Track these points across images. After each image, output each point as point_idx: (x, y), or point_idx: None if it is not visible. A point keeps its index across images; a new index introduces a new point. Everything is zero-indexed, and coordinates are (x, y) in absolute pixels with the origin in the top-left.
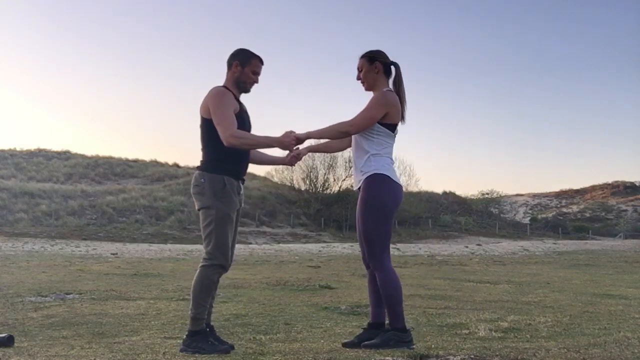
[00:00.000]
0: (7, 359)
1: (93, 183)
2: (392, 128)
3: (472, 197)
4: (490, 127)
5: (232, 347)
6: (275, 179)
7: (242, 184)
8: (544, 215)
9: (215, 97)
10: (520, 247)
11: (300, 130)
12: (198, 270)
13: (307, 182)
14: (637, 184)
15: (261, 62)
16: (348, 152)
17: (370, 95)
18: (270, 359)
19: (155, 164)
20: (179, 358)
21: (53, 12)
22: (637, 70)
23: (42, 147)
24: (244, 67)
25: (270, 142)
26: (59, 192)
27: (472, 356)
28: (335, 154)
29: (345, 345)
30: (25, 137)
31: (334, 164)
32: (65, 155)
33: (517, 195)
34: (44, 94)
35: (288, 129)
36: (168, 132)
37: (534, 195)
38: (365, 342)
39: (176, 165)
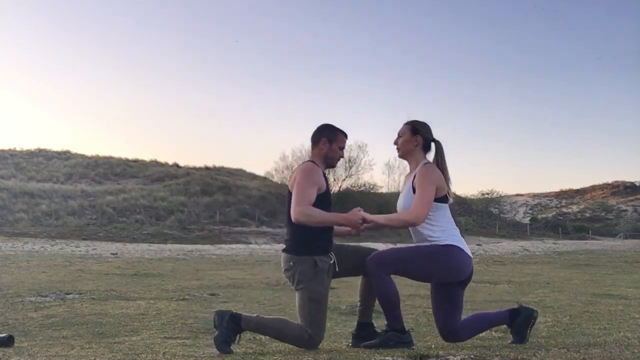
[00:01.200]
0: (7, 359)
1: (93, 183)
2: (445, 200)
3: (472, 197)
4: (490, 127)
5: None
6: (275, 179)
7: (331, 252)
8: (544, 215)
9: (303, 173)
10: (520, 247)
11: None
12: (296, 329)
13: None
14: (637, 184)
15: (346, 136)
16: (348, 152)
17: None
18: (270, 359)
19: (155, 164)
20: (179, 358)
21: (53, 12)
22: (637, 70)
23: (42, 147)
24: (332, 143)
25: (338, 220)
26: (59, 192)
27: (472, 356)
28: None
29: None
30: (25, 137)
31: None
32: (65, 155)
33: (517, 195)
34: (44, 94)
35: (356, 208)
36: (168, 132)
37: (534, 195)
38: (365, 343)
39: (176, 165)
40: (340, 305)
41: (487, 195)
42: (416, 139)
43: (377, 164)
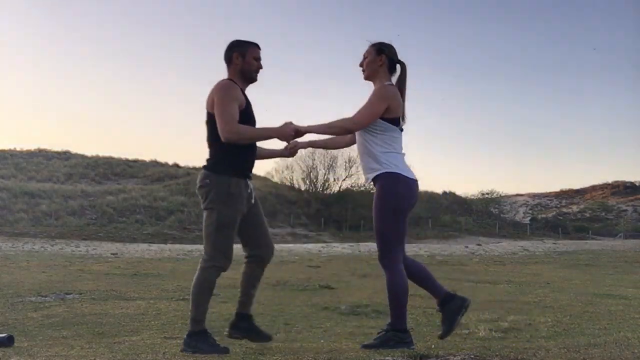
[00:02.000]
0: (7, 359)
1: (93, 183)
2: (396, 122)
3: (472, 197)
4: (490, 127)
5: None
6: (275, 179)
7: (250, 180)
8: (544, 215)
9: (221, 90)
10: (520, 247)
11: (300, 123)
12: (197, 272)
13: (307, 182)
14: (637, 184)
15: (258, 47)
16: (348, 151)
17: (370, 89)
18: (270, 359)
19: (155, 164)
20: (179, 358)
21: (53, 12)
22: (637, 70)
23: (42, 147)
24: (245, 56)
25: (269, 134)
26: (59, 192)
27: (472, 356)
28: (335, 153)
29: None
30: (25, 137)
31: (334, 164)
32: (65, 155)
33: (517, 195)
34: (44, 94)
35: (288, 121)
36: (168, 132)
37: (534, 195)
38: (365, 343)
39: (176, 165)
40: (340, 305)
41: (487, 195)
42: (381, 58)
43: None
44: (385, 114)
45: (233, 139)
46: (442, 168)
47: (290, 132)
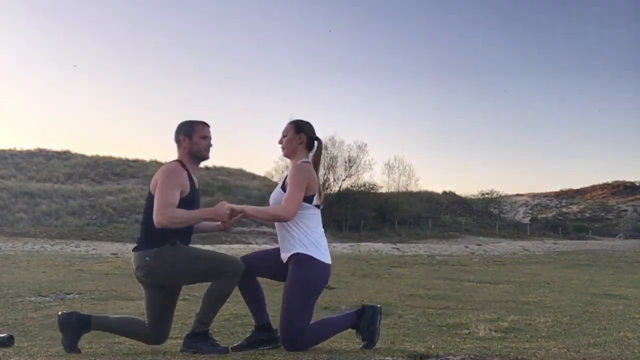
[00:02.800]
0: (7, 359)
1: (93, 183)
2: (311, 200)
3: (472, 197)
4: (490, 127)
5: (227, 350)
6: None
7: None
8: (544, 215)
9: (164, 175)
10: (520, 247)
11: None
12: (221, 279)
13: (321, 185)
14: (637, 184)
15: (206, 125)
16: (348, 152)
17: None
18: (270, 359)
19: (155, 164)
20: (179, 358)
21: (53, 12)
22: (637, 70)
23: (42, 147)
24: (191, 137)
25: (203, 216)
26: (59, 192)
27: (472, 356)
28: (335, 153)
29: (234, 348)
30: (25, 137)
31: (334, 164)
32: (65, 155)
33: (517, 195)
34: (44, 94)
35: (222, 202)
36: (168, 132)
37: (534, 195)
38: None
39: None
40: (340, 305)
41: (487, 195)
42: (300, 137)
43: (377, 163)
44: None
45: (165, 224)
46: (442, 168)
47: (225, 212)
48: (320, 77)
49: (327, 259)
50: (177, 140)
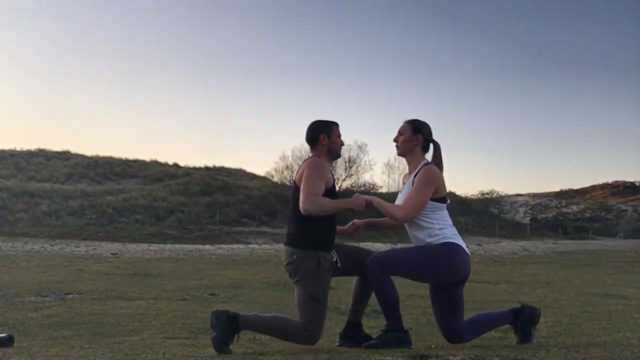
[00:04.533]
0: (7, 359)
1: (93, 183)
2: (443, 200)
3: (472, 197)
4: (490, 127)
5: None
6: (275, 179)
7: (333, 250)
8: (544, 215)
9: (311, 167)
10: (520, 247)
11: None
12: (297, 323)
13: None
14: (637, 184)
15: (338, 125)
16: (348, 152)
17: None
18: (270, 359)
19: (155, 164)
20: (179, 358)
21: (53, 12)
22: (637, 70)
23: (42, 147)
24: (330, 136)
25: (344, 205)
26: (59, 192)
27: (472, 356)
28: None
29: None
30: (25, 137)
31: (334, 164)
32: (65, 155)
33: (517, 195)
34: (44, 94)
35: (355, 194)
36: (168, 132)
37: (534, 195)
38: (366, 343)
39: (176, 165)
40: (340, 305)
41: (487, 195)
42: (417, 138)
43: (377, 163)
44: (434, 195)
45: (313, 210)
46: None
47: (362, 202)
48: (320, 77)
49: (467, 250)
50: (315, 139)
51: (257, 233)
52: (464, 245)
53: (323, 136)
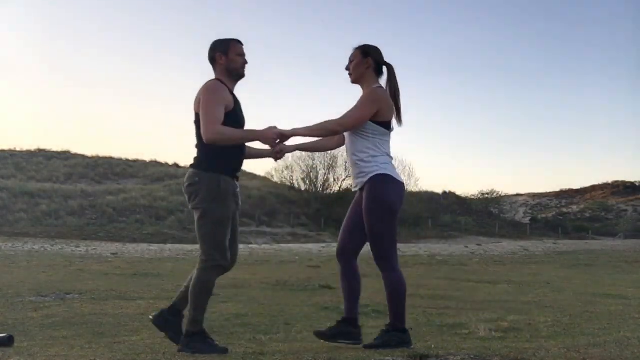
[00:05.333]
0: (7, 359)
1: (93, 183)
2: (387, 126)
3: (472, 197)
4: (490, 127)
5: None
6: (275, 179)
7: (237, 181)
8: (544, 215)
9: (207, 92)
10: (520, 247)
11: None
12: (196, 273)
13: (307, 182)
14: (637, 184)
15: (240, 42)
16: None
17: (359, 92)
18: (270, 359)
19: (155, 164)
20: (179, 358)
21: (53, 11)
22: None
23: (42, 147)
24: (228, 54)
25: (252, 137)
26: (59, 192)
27: (472, 356)
28: (335, 153)
29: (316, 333)
30: (25, 137)
31: (334, 164)
32: (65, 155)
33: (517, 195)
34: (44, 94)
35: (272, 125)
36: (168, 132)
37: (534, 195)
38: (367, 343)
39: (176, 165)
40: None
41: (487, 195)
42: (367, 61)
43: None
44: (376, 118)
45: (215, 141)
46: (442, 168)
47: (273, 136)
48: (320, 77)
49: (401, 179)
50: (213, 59)
51: (257, 233)
52: (397, 175)
53: (219, 54)
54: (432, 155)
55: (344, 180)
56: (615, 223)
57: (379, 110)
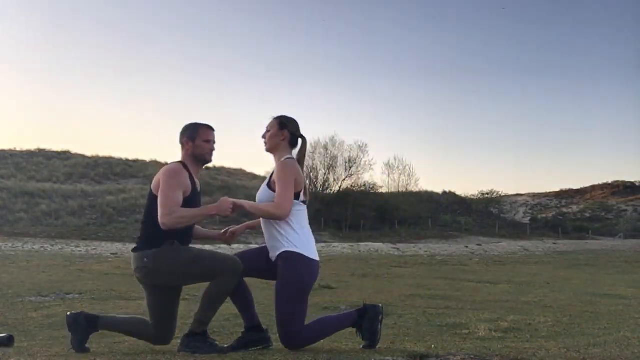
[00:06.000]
0: (7, 359)
1: (93, 183)
2: (298, 195)
3: (472, 197)
4: (490, 127)
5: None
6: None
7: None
8: (544, 215)
9: (166, 176)
10: (520, 247)
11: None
12: (220, 278)
13: (307, 182)
14: (637, 184)
15: (210, 129)
16: (348, 152)
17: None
18: (270, 359)
19: (155, 164)
20: (179, 358)
21: (53, 12)
22: (637, 70)
23: (42, 147)
24: (195, 140)
25: (207, 212)
26: (59, 192)
27: (472, 356)
28: (335, 153)
29: (225, 349)
30: (25, 137)
31: (334, 164)
32: (65, 155)
33: (517, 195)
34: (44, 94)
35: (222, 198)
36: (168, 132)
37: (534, 195)
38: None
39: None
40: (340, 305)
41: (487, 195)
42: (283, 133)
43: (377, 163)
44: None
45: (171, 224)
46: (442, 168)
47: (228, 207)
48: (321, 77)
49: (316, 256)
50: (181, 143)
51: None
52: (309, 252)
53: (186, 140)
54: (432, 155)
55: (344, 180)
56: (615, 223)
57: (294, 181)
